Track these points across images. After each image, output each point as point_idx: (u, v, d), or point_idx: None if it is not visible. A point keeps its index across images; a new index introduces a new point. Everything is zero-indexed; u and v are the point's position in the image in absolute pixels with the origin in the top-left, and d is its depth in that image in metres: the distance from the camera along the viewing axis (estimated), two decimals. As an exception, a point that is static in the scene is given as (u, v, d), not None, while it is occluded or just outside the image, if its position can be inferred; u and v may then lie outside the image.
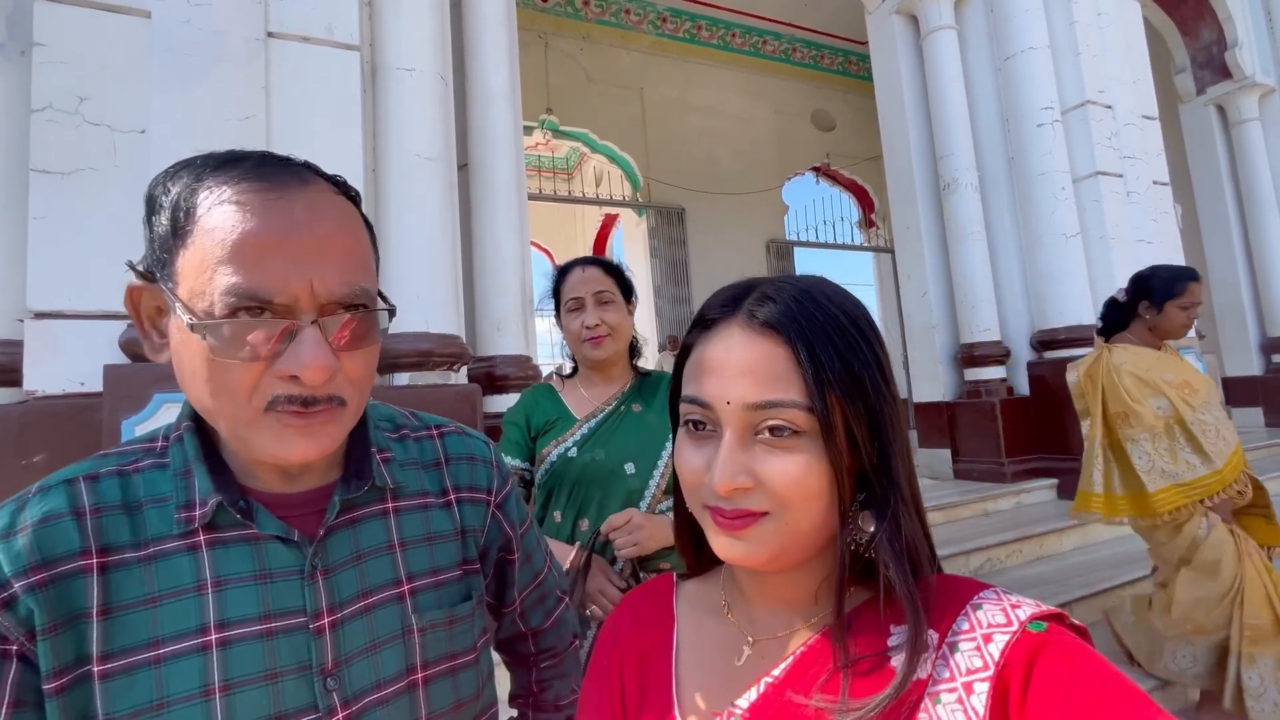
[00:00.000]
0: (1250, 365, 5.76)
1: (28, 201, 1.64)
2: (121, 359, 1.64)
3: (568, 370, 1.37)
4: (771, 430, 0.41)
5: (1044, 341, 3.89)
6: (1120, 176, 3.96)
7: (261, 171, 0.46)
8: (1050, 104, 3.89)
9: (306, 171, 0.49)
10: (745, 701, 0.44)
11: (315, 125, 1.97)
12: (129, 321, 1.65)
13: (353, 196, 0.52)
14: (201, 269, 0.44)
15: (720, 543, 0.43)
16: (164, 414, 1.58)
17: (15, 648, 0.44)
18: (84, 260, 1.66)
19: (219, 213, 0.44)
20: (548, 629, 0.73)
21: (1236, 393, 5.67)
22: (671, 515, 0.55)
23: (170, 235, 0.46)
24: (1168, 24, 5.83)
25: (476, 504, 0.63)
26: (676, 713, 0.46)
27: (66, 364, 1.62)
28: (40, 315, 1.62)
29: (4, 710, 0.43)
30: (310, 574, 0.51)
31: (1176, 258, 4.25)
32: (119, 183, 1.71)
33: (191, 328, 0.43)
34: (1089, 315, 3.81)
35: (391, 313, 0.52)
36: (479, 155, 2.70)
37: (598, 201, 7.44)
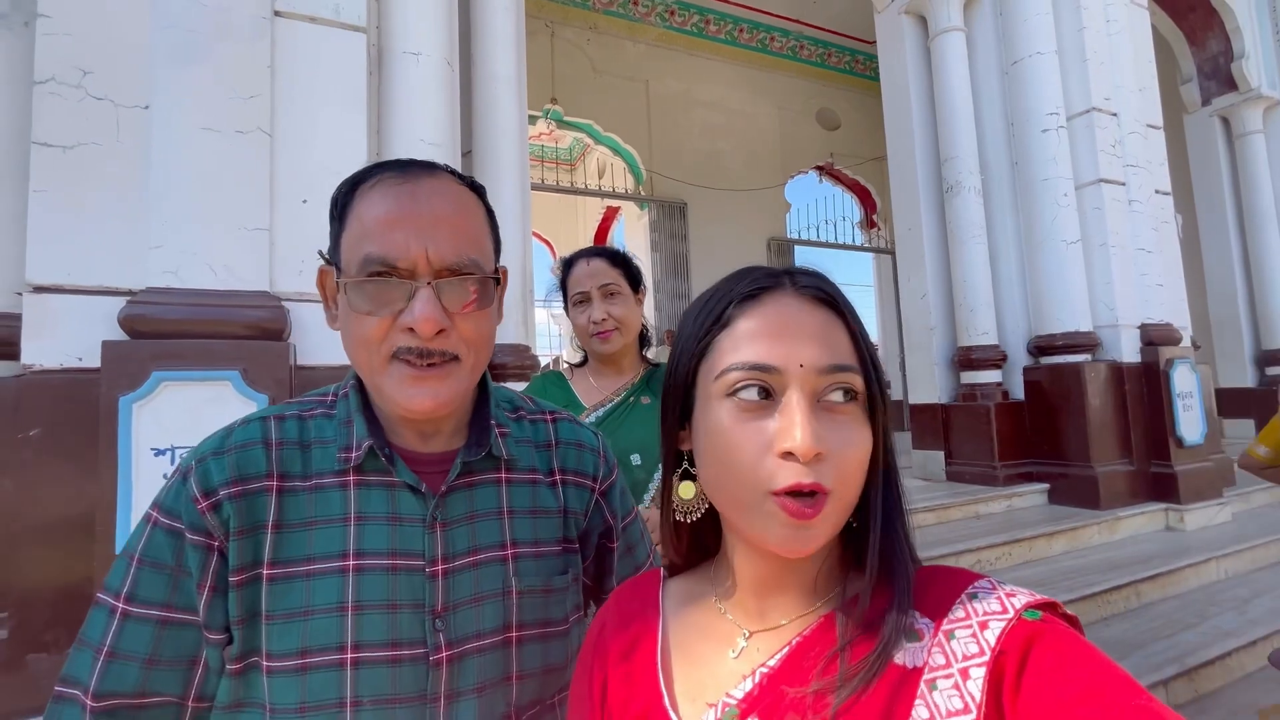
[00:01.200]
0: (1244, 377, 5.80)
1: (28, 174, 1.62)
2: (120, 335, 1.64)
3: (576, 359, 1.37)
4: (836, 397, 0.42)
5: (1041, 347, 3.91)
6: (1123, 184, 3.97)
7: (400, 166, 0.58)
8: (1056, 109, 3.90)
9: (437, 167, 0.60)
10: (740, 692, 0.43)
11: (320, 107, 1.95)
12: (128, 298, 1.65)
13: (477, 189, 0.62)
14: (350, 244, 0.56)
15: (782, 534, 0.40)
16: (163, 392, 1.57)
17: (217, 544, 0.54)
18: (84, 235, 1.65)
19: (364, 200, 0.57)
20: None
21: (1229, 404, 5.71)
22: None
23: (338, 225, 0.58)
24: (1175, 33, 5.83)
25: (581, 488, 0.69)
26: (667, 705, 0.46)
27: (64, 339, 1.61)
28: (39, 289, 1.61)
29: (206, 593, 0.54)
30: (430, 524, 0.59)
31: (1176, 267, 4.27)
32: (121, 158, 1.70)
33: (339, 285, 0.56)
34: (1087, 322, 3.83)
35: (497, 282, 0.60)
36: (483, 143, 2.69)
37: (600, 193, 7.41)
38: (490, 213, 0.63)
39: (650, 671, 0.48)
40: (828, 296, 0.44)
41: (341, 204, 0.58)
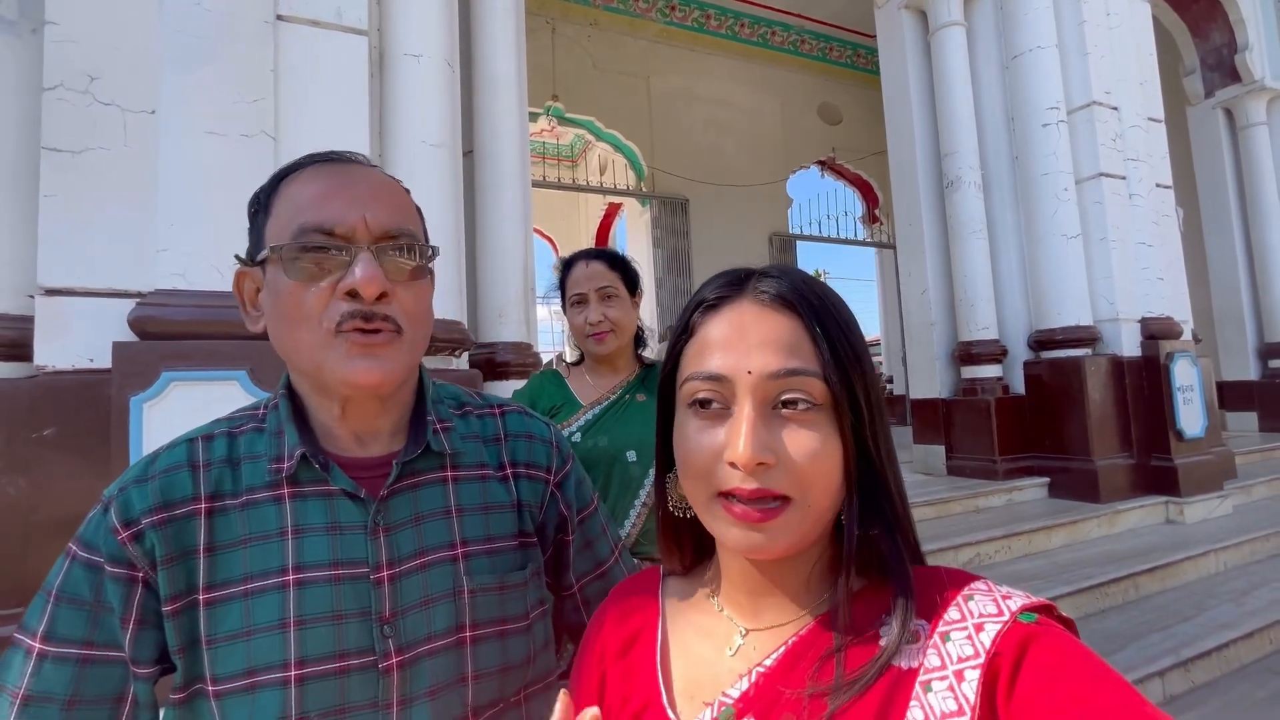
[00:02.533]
0: (1247, 370, 5.79)
1: (39, 179, 1.66)
2: (131, 337, 1.67)
3: (573, 358, 1.40)
4: (789, 404, 0.41)
5: (1041, 341, 3.92)
6: (1123, 179, 3.96)
7: (327, 155, 0.59)
8: (1056, 104, 3.89)
9: (359, 157, 0.60)
10: (736, 691, 0.43)
11: (323, 109, 1.98)
12: (137, 299, 1.69)
13: (404, 190, 0.63)
14: (281, 224, 0.55)
15: (734, 535, 0.41)
16: (172, 392, 1.61)
17: (141, 575, 0.53)
18: (94, 238, 1.68)
19: (292, 184, 0.57)
20: None
21: (1232, 397, 5.71)
22: None
23: (264, 214, 0.57)
24: (1179, 25, 5.80)
25: (534, 480, 0.67)
26: (665, 703, 0.46)
27: (76, 340, 1.65)
28: (50, 292, 1.64)
29: (131, 626, 0.52)
30: (373, 529, 0.57)
31: (1177, 261, 4.26)
32: (129, 162, 1.73)
33: (273, 249, 0.54)
34: (1087, 316, 3.83)
35: (435, 252, 0.60)
36: (484, 142, 2.71)
37: (601, 190, 7.43)
38: (418, 209, 0.63)
39: (649, 669, 0.48)
40: (787, 300, 0.43)
41: (266, 197, 0.57)
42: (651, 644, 0.50)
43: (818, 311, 0.42)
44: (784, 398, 0.41)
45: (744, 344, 0.42)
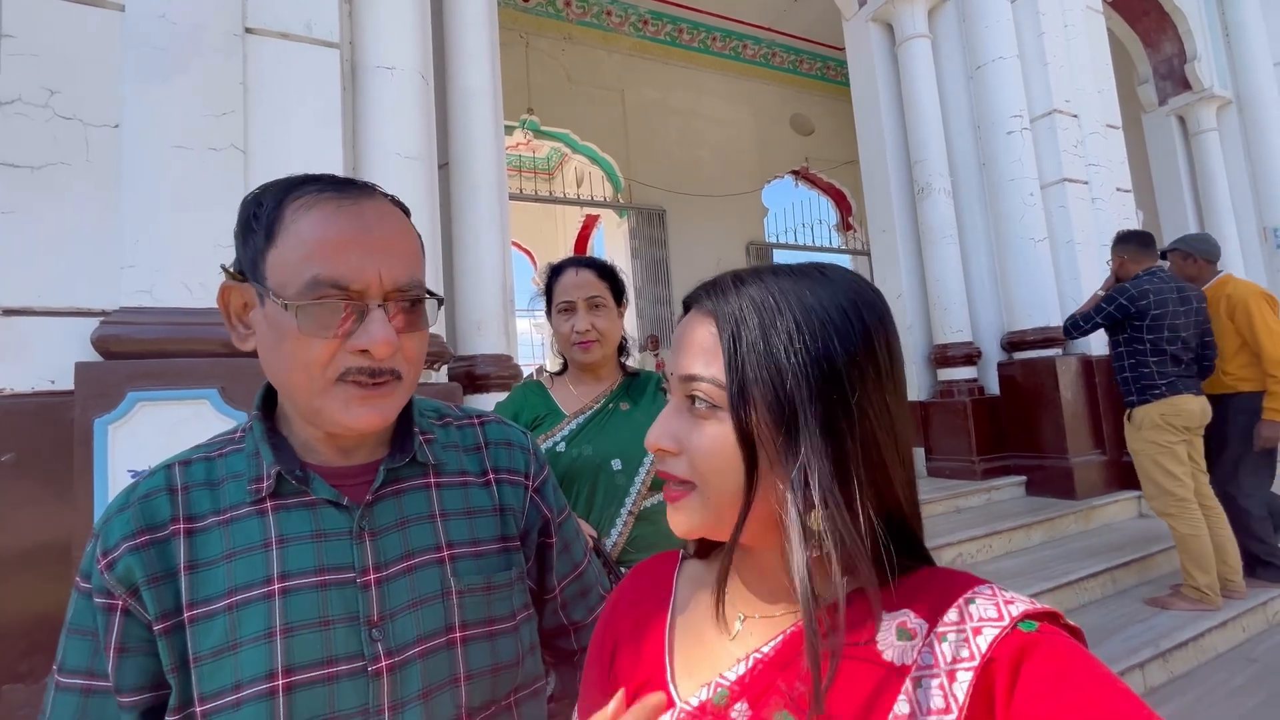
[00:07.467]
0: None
1: (-5, 196, 1.60)
2: (94, 356, 1.61)
3: (555, 368, 1.39)
4: (692, 399, 0.45)
5: (1014, 342, 4.01)
6: (1085, 183, 4.09)
7: (335, 185, 0.57)
8: (1019, 112, 4.01)
9: (373, 188, 0.60)
10: (732, 675, 0.45)
11: (294, 123, 1.95)
12: (101, 318, 1.63)
13: (405, 210, 0.62)
14: (290, 264, 0.53)
15: (667, 511, 0.48)
16: (139, 413, 1.56)
17: (120, 603, 0.53)
18: (55, 256, 1.63)
19: (304, 219, 0.54)
20: (589, 625, 0.74)
21: (1196, 393, 5.87)
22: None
23: (264, 240, 0.55)
24: (1131, 36, 6.03)
25: (515, 485, 0.69)
26: (669, 680, 0.48)
27: (36, 361, 1.58)
28: (9, 312, 1.58)
29: (113, 653, 0.53)
30: (358, 535, 0.58)
31: (1139, 262, 4.40)
32: (91, 177, 1.68)
33: (285, 307, 0.53)
34: (1056, 317, 3.93)
35: (440, 303, 0.61)
36: (460, 154, 2.70)
37: (579, 202, 7.45)
38: (417, 233, 0.63)
39: (657, 645, 0.51)
40: (710, 310, 0.45)
41: (269, 219, 0.55)
42: (661, 623, 0.52)
43: (736, 321, 0.43)
44: (688, 395, 0.45)
45: (678, 349, 0.48)
